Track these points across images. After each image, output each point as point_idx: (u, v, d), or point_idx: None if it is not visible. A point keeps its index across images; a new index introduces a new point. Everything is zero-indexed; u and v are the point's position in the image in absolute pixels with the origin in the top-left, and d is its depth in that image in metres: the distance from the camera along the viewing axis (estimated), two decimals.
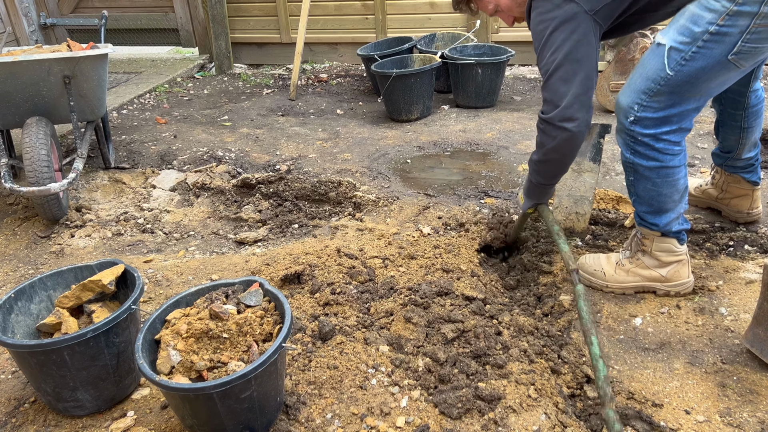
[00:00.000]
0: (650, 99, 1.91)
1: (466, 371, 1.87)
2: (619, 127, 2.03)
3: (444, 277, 2.41)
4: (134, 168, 3.65)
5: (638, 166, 2.02)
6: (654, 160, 1.98)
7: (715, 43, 1.77)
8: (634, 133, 1.97)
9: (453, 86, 4.50)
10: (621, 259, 2.28)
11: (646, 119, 1.93)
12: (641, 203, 2.12)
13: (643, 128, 1.95)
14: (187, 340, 1.67)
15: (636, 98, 1.93)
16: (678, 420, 1.72)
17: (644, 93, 1.91)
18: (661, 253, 2.18)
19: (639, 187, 2.08)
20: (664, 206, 2.08)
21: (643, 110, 1.93)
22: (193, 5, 5.94)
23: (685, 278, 2.21)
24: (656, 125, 1.93)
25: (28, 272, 2.74)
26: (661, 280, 2.21)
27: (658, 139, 1.95)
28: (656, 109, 1.91)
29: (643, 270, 2.22)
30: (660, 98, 1.89)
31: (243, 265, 2.65)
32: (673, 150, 1.97)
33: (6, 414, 1.88)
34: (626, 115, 1.97)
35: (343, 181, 3.29)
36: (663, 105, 1.90)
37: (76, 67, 3.03)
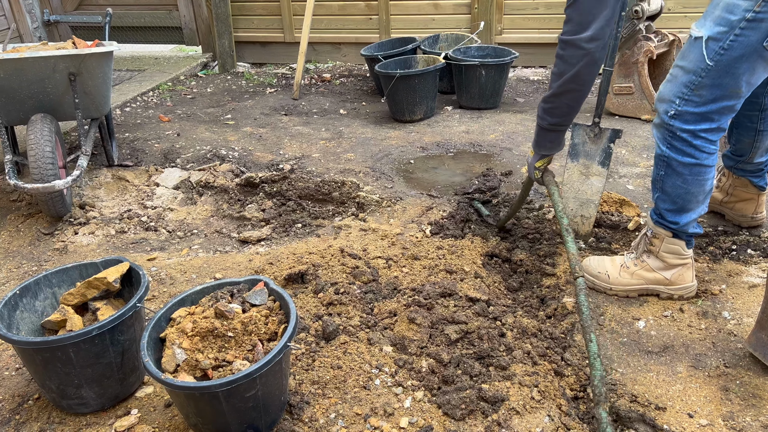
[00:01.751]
0: (692, 93, 1.92)
1: (469, 372, 1.87)
2: (658, 121, 2.04)
3: (447, 278, 2.41)
4: (137, 166, 3.65)
5: (673, 161, 2.02)
6: (690, 156, 1.99)
7: (752, 30, 1.78)
8: (674, 128, 1.98)
9: (456, 87, 4.50)
10: (626, 261, 2.28)
11: (687, 114, 1.94)
12: (665, 200, 2.11)
13: (683, 123, 1.96)
14: (192, 338, 1.67)
15: (678, 91, 1.95)
16: (681, 423, 1.72)
17: (686, 86, 1.93)
18: (668, 255, 2.18)
19: (668, 182, 2.07)
20: (688, 205, 2.08)
21: (684, 104, 1.94)
22: (196, 3, 5.95)
23: (689, 282, 2.22)
24: (696, 121, 1.94)
25: (32, 269, 2.74)
26: (665, 283, 2.22)
27: (696, 135, 1.96)
28: (697, 103, 1.92)
29: (648, 273, 2.23)
30: (702, 92, 1.91)
31: (246, 264, 2.65)
32: (709, 149, 1.98)
33: (10, 411, 1.89)
34: (667, 109, 1.98)
35: (346, 181, 3.29)
36: (704, 100, 1.91)
37: (81, 65, 3.03)
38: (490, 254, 2.65)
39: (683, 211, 2.10)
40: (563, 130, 2.21)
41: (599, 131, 2.57)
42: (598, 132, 2.58)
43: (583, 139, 2.62)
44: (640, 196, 3.00)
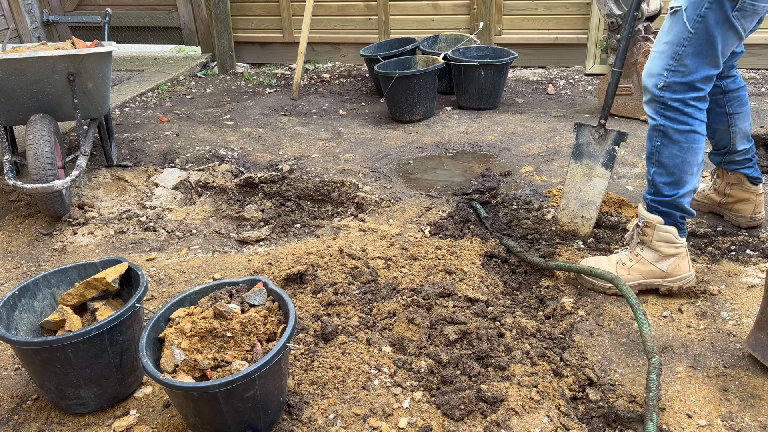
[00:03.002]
0: (678, 63, 2.06)
1: (468, 373, 1.87)
2: (649, 97, 2.16)
3: (446, 278, 2.41)
4: (137, 166, 3.65)
5: (669, 128, 2.13)
6: (684, 123, 2.11)
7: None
8: (665, 99, 2.11)
9: (456, 88, 4.50)
10: (621, 258, 2.31)
11: (675, 84, 2.08)
12: (662, 173, 2.19)
13: (672, 93, 2.09)
14: (191, 338, 1.67)
15: (665, 64, 2.09)
16: (680, 424, 1.72)
17: (671, 58, 2.07)
18: (662, 244, 2.23)
19: (665, 152, 2.16)
20: (684, 176, 2.17)
21: (672, 75, 2.08)
22: (196, 4, 5.95)
23: (686, 272, 2.24)
24: (684, 90, 2.08)
25: (31, 269, 2.74)
26: (662, 276, 2.25)
27: (686, 104, 2.10)
28: (684, 73, 2.06)
29: (644, 266, 2.26)
30: (686, 61, 2.05)
31: (245, 264, 2.65)
32: (699, 116, 2.12)
33: (8, 411, 1.89)
34: (656, 82, 2.11)
35: (345, 181, 3.29)
36: (689, 69, 2.06)
37: (80, 65, 3.03)
38: (489, 255, 2.65)
39: (679, 183, 2.17)
40: None
41: (604, 133, 2.58)
42: (603, 133, 2.59)
43: (588, 139, 2.63)
44: (639, 196, 3.00)
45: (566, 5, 5.08)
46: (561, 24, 5.13)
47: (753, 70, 4.84)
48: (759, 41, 4.75)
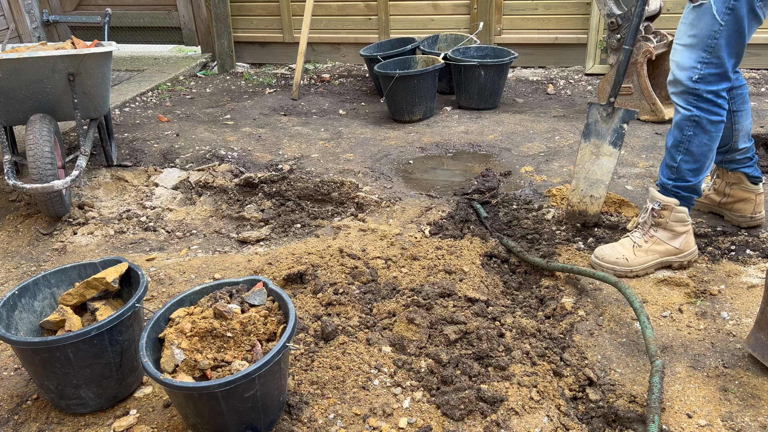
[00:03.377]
0: (711, 56, 2.12)
1: (468, 373, 1.87)
2: (681, 88, 2.22)
3: (446, 278, 2.41)
4: (137, 166, 3.65)
5: (703, 119, 2.21)
6: (716, 114, 2.21)
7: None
8: (699, 90, 2.17)
9: (456, 88, 4.50)
10: (636, 241, 2.41)
11: (710, 75, 2.15)
12: (689, 161, 2.28)
13: (706, 85, 2.16)
14: (191, 338, 1.67)
15: (697, 57, 2.14)
16: (680, 424, 1.72)
17: (704, 51, 2.12)
18: (677, 224, 2.36)
19: (695, 142, 2.24)
20: (707, 162, 2.29)
21: (706, 67, 2.14)
22: (196, 4, 5.95)
23: (693, 246, 2.42)
24: (717, 81, 2.16)
25: (31, 269, 2.74)
26: (675, 253, 2.39)
27: (718, 95, 2.18)
28: (717, 65, 2.14)
29: (659, 246, 2.39)
30: (719, 53, 2.12)
31: (245, 264, 2.65)
32: (726, 105, 2.23)
33: (8, 411, 1.89)
34: (690, 75, 2.17)
35: (345, 181, 3.29)
36: (722, 61, 2.13)
37: (80, 65, 3.03)
38: (489, 254, 2.65)
39: (702, 169, 2.30)
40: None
41: (612, 111, 2.60)
42: (611, 111, 2.60)
43: (596, 118, 2.65)
44: (639, 196, 3.00)
45: (566, 5, 5.08)
46: (561, 24, 5.13)
47: (753, 70, 4.84)
48: (759, 41, 4.75)
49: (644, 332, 1.94)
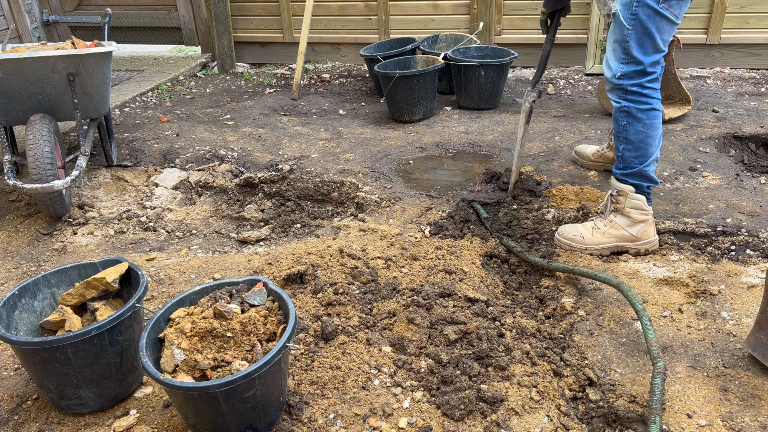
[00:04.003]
0: (627, 56, 2.38)
1: (468, 373, 1.87)
2: (611, 86, 2.47)
3: (446, 278, 2.41)
4: (137, 166, 3.65)
5: (632, 108, 2.43)
6: (645, 103, 2.42)
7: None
8: (624, 85, 2.42)
9: (456, 88, 4.50)
10: (596, 224, 2.60)
11: (630, 72, 2.39)
12: (630, 148, 2.49)
13: (629, 80, 2.40)
14: (191, 338, 1.67)
15: (618, 57, 2.41)
16: (680, 424, 1.72)
17: (622, 52, 2.39)
18: (633, 211, 2.52)
19: (631, 130, 2.47)
20: (649, 149, 2.47)
21: (626, 66, 2.39)
22: (196, 4, 5.94)
23: (652, 236, 2.56)
24: (638, 76, 2.39)
25: (31, 269, 2.74)
26: (633, 240, 2.55)
27: (643, 86, 2.40)
28: (635, 62, 2.37)
29: (617, 230, 2.55)
30: (633, 53, 2.36)
31: (245, 264, 2.65)
32: (656, 95, 2.43)
33: (8, 411, 1.89)
34: (614, 73, 2.43)
35: (345, 181, 3.29)
36: (637, 58, 2.36)
37: (80, 65, 3.03)
38: (489, 255, 2.65)
39: (645, 155, 2.48)
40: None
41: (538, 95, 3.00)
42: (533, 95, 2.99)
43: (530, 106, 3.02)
44: None
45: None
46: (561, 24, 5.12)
47: (753, 70, 4.84)
48: (759, 41, 4.75)
49: (646, 334, 1.94)
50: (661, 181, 3.15)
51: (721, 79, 4.68)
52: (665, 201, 2.95)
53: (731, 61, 4.88)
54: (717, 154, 3.44)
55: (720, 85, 4.57)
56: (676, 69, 4.20)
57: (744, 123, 3.77)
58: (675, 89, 3.97)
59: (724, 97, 4.29)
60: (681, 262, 2.48)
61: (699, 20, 4.83)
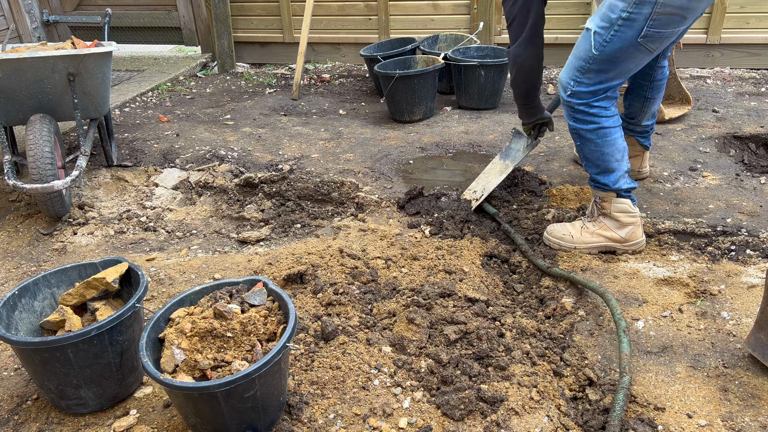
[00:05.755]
0: (582, 76, 2.32)
1: (468, 373, 1.87)
2: (561, 101, 2.44)
3: (446, 278, 2.41)
4: (137, 166, 3.65)
5: (580, 130, 2.42)
6: (591, 123, 2.38)
7: (627, 28, 2.16)
8: (572, 103, 2.38)
9: (456, 88, 4.50)
10: (586, 224, 2.60)
11: (580, 92, 2.35)
12: (590, 165, 2.49)
13: (578, 99, 2.36)
14: (191, 338, 1.67)
15: (572, 75, 2.36)
16: (680, 424, 1.72)
17: (577, 70, 2.33)
18: (620, 214, 2.51)
19: (585, 149, 2.46)
20: (609, 165, 2.44)
21: (577, 85, 2.34)
22: (196, 4, 5.94)
23: (640, 238, 2.56)
24: (587, 96, 2.35)
25: (31, 269, 2.74)
26: (621, 241, 2.54)
27: (590, 106, 2.36)
28: (587, 84, 2.32)
29: (606, 231, 2.55)
30: (590, 75, 2.30)
31: (245, 264, 2.65)
32: (605, 113, 2.37)
33: (8, 411, 1.89)
34: (564, 89, 2.40)
35: (345, 181, 3.29)
36: (592, 81, 2.31)
37: (80, 65, 3.03)
38: (489, 255, 2.65)
39: (608, 171, 2.46)
40: (531, 104, 2.80)
41: (532, 142, 2.97)
42: (530, 143, 2.97)
43: (518, 146, 3.01)
44: None
45: (566, 5, 5.08)
46: (561, 24, 5.13)
47: (753, 70, 4.84)
48: (759, 41, 4.75)
49: (620, 346, 1.95)
50: (661, 181, 3.15)
51: (721, 79, 4.68)
52: (665, 201, 2.95)
53: (731, 61, 4.88)
54: (717, 154, 3.44)
55: (720, 85, 4.57)
56: (676, 69, 4.20)
57: (744, 123, 3.77)
58: (675, 89, 3.97)
59: (724, 97, 4.28)
60: (681, 262, 2.48)
61: (699, 20, 4.82)
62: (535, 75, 2.64)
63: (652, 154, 3.45)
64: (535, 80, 2.66)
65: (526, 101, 2.79)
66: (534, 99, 2.77)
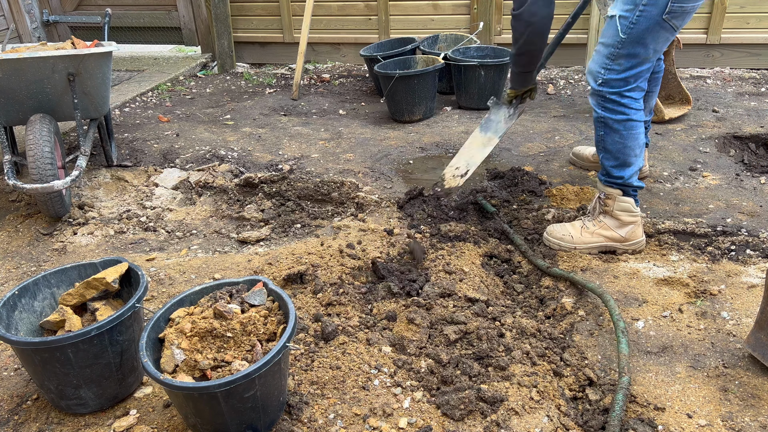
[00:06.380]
0: (612, 62, 2.32)
1: (468, 373, 1.87)
2: (591, 91, 2.44)
3: (446, 278, 2.41)
4: (137, 166, 3.65)
5: (609, 119, 2.40)
6: (621, 113, 2.37)
7: (652, 6, 2.18)
8: (603, 92, 2.37)
9: (456, 88, 4.50)
10: (585, 224, 2.60)
11: (612, 80, 2.34)
12: (609, 158, 2.48)
13: (609, 88, 2.35)
14: (191, 338, 1.67)
15: (602, 63, 2.35)
16: (680, 424, 1.72)
17: (607, 58, 2.32)
18: (622, 213, 2.51)
19: (608, 140, 2.44)
20: (628, 159, 2.44)
21: (608, 73, 2.34)
22: (196, 4, 5.94)
23: (640, 237, 2.56)
24: (620, 85, 2.34)
25: (31, 269, 2.74)
26: (621, 240, 2.55)
27: (622, 95, 2.35)
28: (618, 71, 2.32)
29: (606, 231, 2.55)
30: (620, 61, 2.30)
31: (245, 264, 2.65)
32: (635, 105, 2.37)
33: (8, 411, 1.89)
34: (595, 78, 2.38)
35: (345, 181, 3.29)
36: (623, 67, 2.31)
37: (80, 65, 3.03)
38: (490, 255, 2.65)
39: (625, 165, 2.46)
40: (529, 73, 2.76)
41: (515, 111, 2.95)
42: (512, 112, 2.95)
43: (499, 117, 3.00)
44: None
45: (566, 5, 5.07)
46: (561, 24, 5.12)
47: (753, 70, 4.84)
48: (759, 41, 4.75)
49: (618, 346, 1.94)
50: (661, 181, 3.15)
51: (721, 79, 4.68)
52: (665, 201, 2.95)
53: (731, 61, 4.88)
54: (717, 154, 3.44)
55: (720, 85, 4.57)
56: (676, 69, 4.20)
57: (744, 123, 3.77)
58: (675, 89, 3.97)
59: (724, 97, 4.28)
60: (681, 262, 2.48)
61: (699, 20, 4.83)
62: (546, 37, 2.57)
63: (652, 154, 3.45)
64: (543, 44, 2.60)
65: (528, 68, 2.71)
66: (536, 65, 2.71)
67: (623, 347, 1.93)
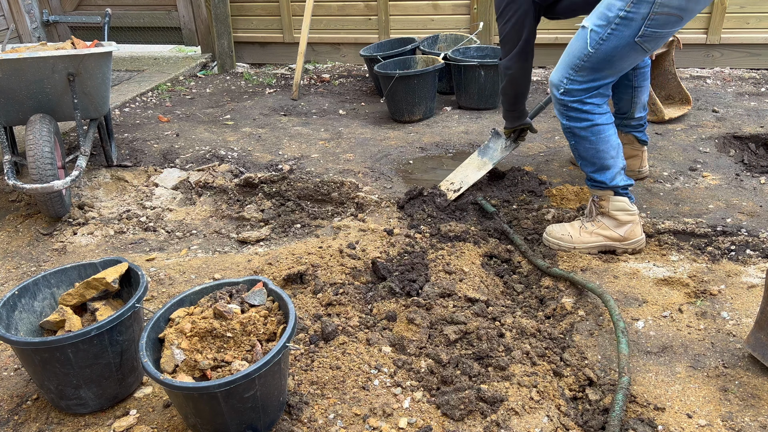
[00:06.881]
0: (575, 74, 2.32)
1: (468, 373, 1.87)
2: (554, 101, 2.45)
3: (446, 278, 2.41)
4: (137, 166, 3.65)
5: (574, 128, 2.42)
6: (585, 120, 2.39)
7: (624, 27, 2.16)
8: (565, 101, 2.38)
9: (456, 88, 4.50)
10: (584, 224, 2.60)
11: (573, 90, 2.35)
12: (586, 164, 2.50)
13: (571, 97, 2.37)
14: (191, 339, 1.67)
15: (564, 73, 2.35)
16: (680, 424, 1.72)
17: (571, 68, 2.32)
18: (618, 212, 2.51)
19: (580, 148, 2.46)
20: (605, 162, 2.45)
21: (570, 83, 2.34)
22: (196, 4, 5.94)
23: (639, 236, 2.55)
24: (580, 94, 2.35)
25: (30, 269, 2.74)
26: (620, 239, 2.54)
27: (584, 102, 2.36)
28: (580, 82, 2.33)
29: (605, 230, 2.55)
30: (583, 73, 2.31)
31: (245, 264, 2.65)
32: (598, 110, 2.38)
33: (8, 411, 1.89)
34: (557, 87, 2.39)
35: (345, 181, 3.29)
36: (585, 79, 2.32)
37: (80, 65, 3.03)
38: (490, 255, 2.65)
39: (604, 169, 2.46)
40: (517, 111, 2.92)
41: (511, 144, 3.11)
42: (509, 144, 3.10)
43: (497, 146, 3.14)
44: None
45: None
46: (561, 24, 5.13)
47: (753, 70, 4.84)
48: (759, 41, 4.75)
49: (618, 347, 1.94)
50: (661, 181, 3.15)
51: (721, 79, 4.68)
52: (665, 201, 2.95)
53: (731, 61, 4.88)
54: (717, 154, 3.44)
55: (720, 85, 4.57)
56: (676, 69, 4.20)
57: (744, 123, 3.77)
58: (675, 89, 3.97)
59: (724, 97, 4.29)
60: (681, 262, 2.48)
61: (699, 20, 4.83)
62: (523, 85, 2.77)
63: (652, 154, 3.45)
64: (523, 89, 2.80)
65: (513, 108, 2.91)
66: (520, 106, 2.89)
67: (623, 347, 1.93)
